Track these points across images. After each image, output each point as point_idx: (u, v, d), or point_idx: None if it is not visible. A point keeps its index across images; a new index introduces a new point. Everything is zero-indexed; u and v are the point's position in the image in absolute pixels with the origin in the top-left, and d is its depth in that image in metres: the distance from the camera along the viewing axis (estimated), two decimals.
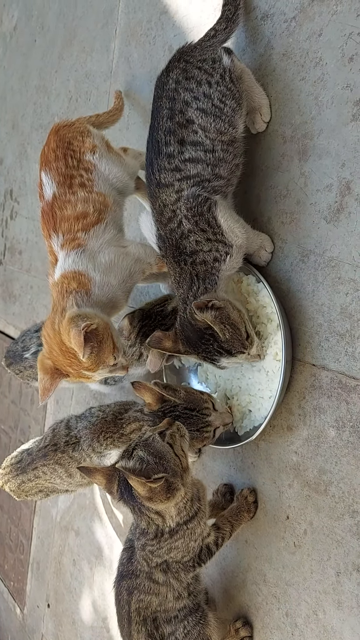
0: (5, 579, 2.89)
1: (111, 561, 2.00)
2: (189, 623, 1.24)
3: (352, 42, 1.18)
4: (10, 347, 1.80)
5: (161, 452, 1.09)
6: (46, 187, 1.36)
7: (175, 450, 1.12)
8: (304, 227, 1.29)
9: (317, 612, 1.25)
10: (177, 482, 1.10)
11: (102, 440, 1.41)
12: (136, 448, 1.10)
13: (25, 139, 2.68)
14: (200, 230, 1.21)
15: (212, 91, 1.22)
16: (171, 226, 1.23)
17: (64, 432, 1.51)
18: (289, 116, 1.32)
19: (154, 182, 1.25)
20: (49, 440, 1.52)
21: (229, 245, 1.22)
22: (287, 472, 1.33)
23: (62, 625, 2.33)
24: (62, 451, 1.48)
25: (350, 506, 1.18)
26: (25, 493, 1.59)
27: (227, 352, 1.23)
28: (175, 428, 1.16)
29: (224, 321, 1.18)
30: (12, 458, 1.61)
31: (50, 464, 1.50)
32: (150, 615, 1.23)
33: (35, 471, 1.52)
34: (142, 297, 1.85)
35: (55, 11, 2.44)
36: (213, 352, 1.24)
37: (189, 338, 1.25)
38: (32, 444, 1.60)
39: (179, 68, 1.24)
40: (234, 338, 1.21)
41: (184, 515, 1.17)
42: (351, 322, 1.19)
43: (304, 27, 1.28)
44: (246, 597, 1.43)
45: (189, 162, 1.21)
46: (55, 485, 1.55)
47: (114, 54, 2.00)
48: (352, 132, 1.19)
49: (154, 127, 1.25)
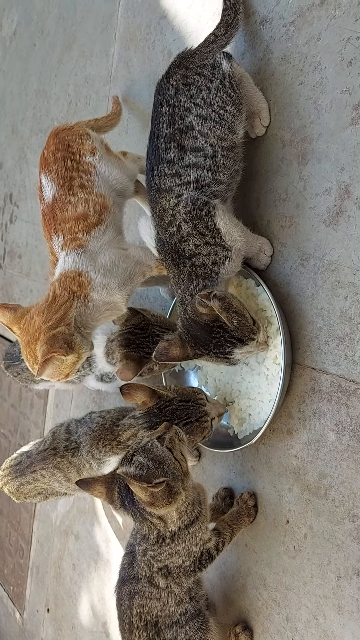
0: (5, 583, 2.88)
1: (111, 565, 1.99)
2: (191, 629, 1.24)
3: (351, 46, 1.18)
4: (9, 350, 1.80)
5: (161, 456, 1.09)
6: (46, 190, 1.36)
7: (175, 454, 1.12)
8: (304, 230, 1.29)
9: (317, 616, 1.25)
10: (178, 486, 1.10)
11: (101, 447, 1.41)
12: (135, 454, 1.10)
13: (25, 143, 2.69)
14: (199, 234, 1.21)
15: (211, 97, 1.22)
16: (171, 230, 1.23)
17: (64, 437, 1.50)
18: (288, 120, 1.32)
19: (154, 187, 1.25)
20: (48, 443, 1.52)
21: (228, 249, 1.22)
22: (287, 476, 1.32)
23: (61, 630, 2.32)
24: (62, 456, 1.48)
25: (350, 510, 1.18)
26: (24, 495, 1.59)
27: (239, 340, 1.22)
28: (174, 432, 1.16)
29: (228, 309, 1.18)
30: (11, 460, 1.61)
31: (49, 468, 1.49)
32: (151, 620, 1.23)
33: (33, 474, 1.52)
34: (141, 300, 1.85)
35: (54, 15, 2.44)
36: (225, 345, 1.23)
37: (197, 338, 1.24)
38: (32, 446, 1.60)
39: (178, 74, 1.24)
40: (242, 324, 1.20)
41: (185, 520, 1.17)
42: (351, 325, 1.19)
43: (303, 32, 1.28)
44: (246, 602, 1.42)
45: (189, 168, 1.21)
46: (54, 488, 1.55)
47: (114, 59, 2.00)
48: (351, 136, 1.19)
49: (154, 133, 1.25)
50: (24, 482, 1.54)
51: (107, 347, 1.52)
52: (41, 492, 1.58)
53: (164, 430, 1.16)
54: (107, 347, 1.52)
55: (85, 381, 1.68)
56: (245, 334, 1.22)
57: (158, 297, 1.79)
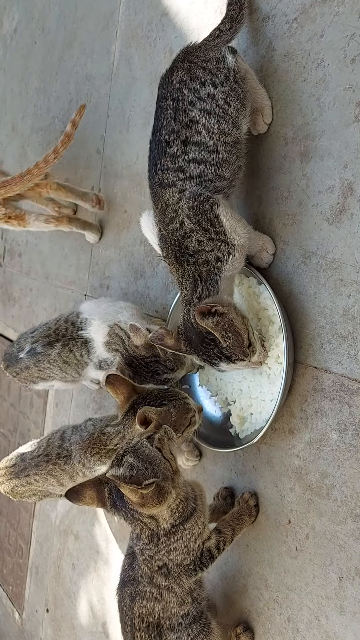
0: (4, 583, 2.87)
1: (111, 565, 1.99)
2: (193, 631, 1.23)
3: (354, 43, 1.18)
4: (7, 350, 1.80)
5: (150, 457, 1.09)
6: None
7: (164, 453, 1.12)
8: (306, 228, 1.28)
9: (319, 617, 1.24)
10: (168, 485, 1.10)
11: (90, 457, 1.41)
12: (125, 455, 1.09)
13: (25, 141, 2.68)
14: (202, 230, 1.20)
15: (216, 92, 1.21)
16: (173, 226, 1.23)
17: (57, 444, 1.51)
18: (290, 117, 1.32)
19: (156, 182, 1.24)
20: (42, 450, 1.52)
21: (231, 244, 1.21)
22: (288, 476, 1.32)
23: (60, 630, 2.31)
24: (54, 463, 1.48)
25: (352, 510, 1.17)
26: (20, 495, 1.59)
27: (227, 358, 1.22)
28: (163, 431, 1.16)
29: (225, 328, 1.17)
30: (7, 461, 1.61)
31: (42, 474, 1.50)
32: (153, 622, 1.22)
33: (27, 478, 1.52)
34: (141, 299, 1.84)
35: (55, 13, 2.43)
36: (213, 357, 1.23)
37: (190, 339, 1.25)
38: (29, 447, 1.59)
39: (183, 68, 1.24)
40: (235, 345, 1.20)
41: (178, 517, 1.16)
42: (353, 324, 1.18)
43: (306, 28, 1.28)
44: (247, 602, 1.41)
45: (192, 163, 1.21)
46: (48, 490, 1.55)
47: (115, 56, 1.99)
48: (355, 133, 1.18)
49: (157, 127, 1.25)
50: (18, 484, 1.55)
51: (109, 337, 1.52)
52: (36, 493, 1.58)
53: (153, 430, 1.15)
54: (109, 337, 1.52)
55: (85, 375, 1.67)
56: (235, 354, 1.21)
57: (159, 297, 1.78)
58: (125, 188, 1.94)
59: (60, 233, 2.27)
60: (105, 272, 2.05)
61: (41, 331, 1.66)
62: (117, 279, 1.98)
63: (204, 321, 1.15)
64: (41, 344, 1.62)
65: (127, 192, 1.93)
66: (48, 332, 1.64)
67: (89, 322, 1.59)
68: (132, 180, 1.90)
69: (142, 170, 1.85)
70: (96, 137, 2.09)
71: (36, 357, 1.63)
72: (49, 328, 1.65)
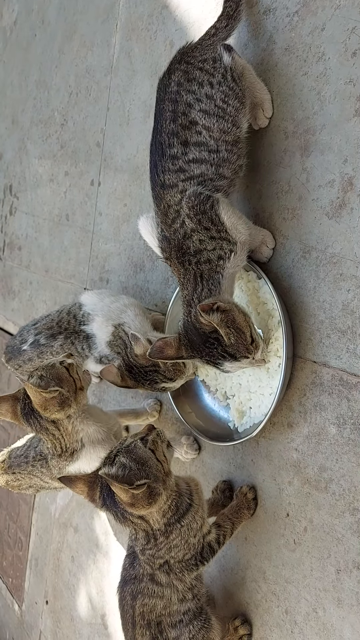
0: (4, 575, 2.89)
1: (110, 558, 2.00)
2: (194, 627, 1.24)
3: (355, 36, 1.17)
4: (9, 342, 1.79)
5: (143, 458, 1.10)
6: None
7: (157, 455, 1.12)
8: (306, 223, 1.28)
9: (316, 609, 1.25)
10: (159, 487, 1.10)
11: (59, 460, 1.42)
12: (118, 454, 1.10)
13: (25, 134, 2.67)
14: (203, 229, 1.20)
15: (214, 92, 1.21)
16: (175, 226, 1.23)
17: (35, 445, 1.53)
18: (291, 111, 1.31)
19: (158, 183, 1.24)
20: (23, 450, 1.55)
21: (233, 242, 1.21)
22: (287, 470, 1.32)
23: (60, 622, 2.33)
24: (32, 465, 1.50)
25: (350, 504, 1.18)
26: (17, 488, 1.60)
27: (232, 356, 1.21)
28: (156, 434, 1.16)
29: (229, 325, 1.16)
30: (1, 455, 1.62)
31: (25, 473, 1.52)
32: (154, 619, 1.23)
33: (14, 475, 1.55)
34: (141, 293, 1.84)
35: (55, 5, 2.42)
36: (217, 356, 1.22)
37: (192, 342, 1.23)
38: (24, 442, 1.61)
39: (180, 70, 1.23)
40: (238, 342, 1.19)
41: (171, 516, 1.17)
42: (353, 318, 1.18)
43: (307, 22, 1.27)
44: (245, 595, 1.42)
45: (193, 163, 1.21)
46: (40, 485, 1.56)
47: (115, 49, 1.99)
48: (355, 127, 1.18)
49: (157, 129, 1.25)
50: (9, 479, 1.57)
51: (113, 337, 1.52)
52: (31, 486, 1.59)
53: (146, 432, 1.16)
54: (113, 337, 1.52)
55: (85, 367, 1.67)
56: (240, 351, 1.20)
57: (158, 290, 1.78)
58: (125, 181, 1.93)
59: (60, 226, 2.27)
60: (105, 266, 2.05)
61: (44, 323, 1.66)
62: (117, 272, 1.98)
63: (209, 316, 1.14)
64: (44, 336, 1.62)
65: (127, 185, 1.93)
66: (51, 324, 1.64)
67: (91, 318, 1.58)
68: (132, 173, 1.90)
69: (142, 163, 1.84)
70: (96, 130, 2.08)
71: (40, 348, 1.63)
72: (52, 320, 1.65)
